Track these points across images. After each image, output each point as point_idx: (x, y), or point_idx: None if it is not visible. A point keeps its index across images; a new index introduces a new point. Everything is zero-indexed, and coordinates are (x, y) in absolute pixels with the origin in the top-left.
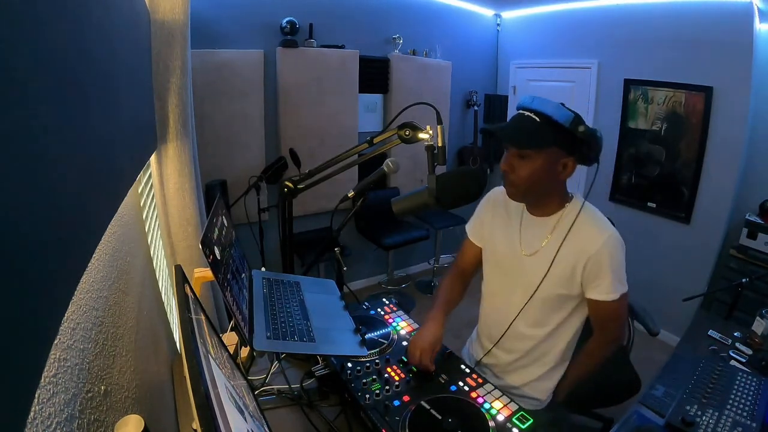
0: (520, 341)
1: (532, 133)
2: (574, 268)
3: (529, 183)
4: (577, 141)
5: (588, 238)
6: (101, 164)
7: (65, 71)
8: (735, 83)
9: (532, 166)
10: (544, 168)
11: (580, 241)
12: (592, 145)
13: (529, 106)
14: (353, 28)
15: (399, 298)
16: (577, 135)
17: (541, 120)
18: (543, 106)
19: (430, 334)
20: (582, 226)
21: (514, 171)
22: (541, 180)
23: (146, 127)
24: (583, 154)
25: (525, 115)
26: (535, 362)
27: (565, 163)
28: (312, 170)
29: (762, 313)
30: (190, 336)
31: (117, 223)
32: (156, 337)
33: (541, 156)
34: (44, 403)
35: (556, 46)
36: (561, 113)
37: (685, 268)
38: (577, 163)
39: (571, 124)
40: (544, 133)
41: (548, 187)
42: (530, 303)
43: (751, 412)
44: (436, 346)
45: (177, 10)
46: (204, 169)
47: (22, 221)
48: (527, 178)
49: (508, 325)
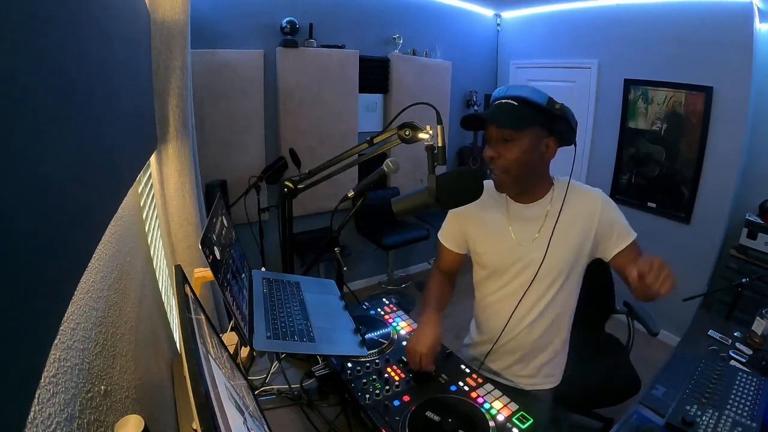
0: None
1: (513, 115)
2: (584, 236)
3: (517, 165)
4: (556, 119)
5: (587, 203)
6: (101, 164)
7: (65, 71)
8: (735, 83)
9: (519, 148)
10: (530, 148)
11: (581, 208)
12: (570, 122)
13: (505, 94)
14: (353, 28)
15: (399, 298)
16: (555, 112)
17: (519, 103)
18: (518, 91)
19: (428, 337)
20: (574, 196)
21: (501, 155)
22: (528, 161)
23: (146, 127)
24: (562, 133)
25: (503, 103)
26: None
27: (547, 143)
28: (312, 170)
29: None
30: (190, 336)
31: (117, 223)
32: (156, 337)
33: (525, 137)
34: (44, 403)
35: (556, 46)
36: (536, 94)
37: (685, 268)
38: (558, 143)
39: (547, 102)
40: (523, 114)
41: (536, 169)
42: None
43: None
44: (435, 348)
45: (177, 10)
46: (204, 169)
47: (22, 221)
48: (515, 161)
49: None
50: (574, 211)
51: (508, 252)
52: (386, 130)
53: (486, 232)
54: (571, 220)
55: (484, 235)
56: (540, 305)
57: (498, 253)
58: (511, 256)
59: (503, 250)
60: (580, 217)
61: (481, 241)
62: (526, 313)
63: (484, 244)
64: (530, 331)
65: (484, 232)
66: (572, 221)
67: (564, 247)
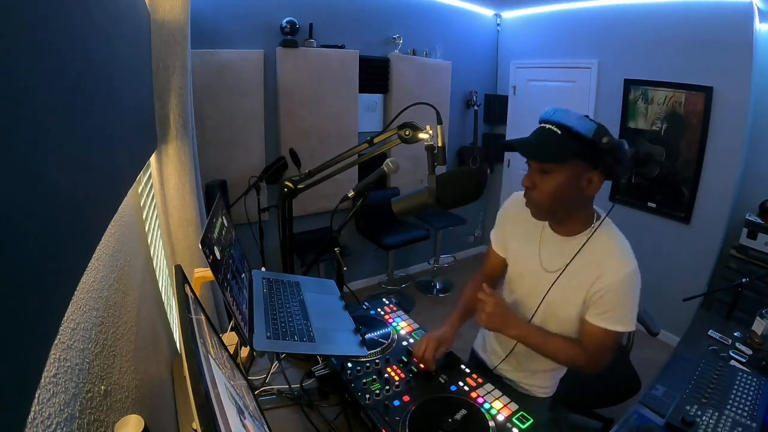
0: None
1: (553, 146)
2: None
3: (552, 200)
4: (602, 153)
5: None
6: (101, 164)
7: (65, 71)
8: (735, 83)
9: (555, 182)
10: (568, 183)
11: (602, 265)
12: (618, 157)
13: (550, 119)
14: (353, 28)
15: (399, 298)
16: (602, 147)
17: (562, 132)
18: (564, 118)
19: (440, 332)
20: (607, 251)
21: (536, 187)
22: (565, 196)
23: (146, 127)
24: (608, 167)
25: (546, 128)
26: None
27: (590, 178)
28: (312, 170)
29: (762, 313)
30: (190, 336)
31: (117, 223)
32: (156, 337)
33: (564, 170)
34: (44, 403)
35: (556, 46)
36: (583, 124)
37: (685, 268)
38: (604, 177)
39: (594, 134)
40: (565, 145)
41: (573, 203)
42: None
43: (751, 412)
44: (442, 344)
45: (177, 10)
46: (204, 169)
47: (22, 221)
48: (550, 195)
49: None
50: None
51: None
52: (386, 130)
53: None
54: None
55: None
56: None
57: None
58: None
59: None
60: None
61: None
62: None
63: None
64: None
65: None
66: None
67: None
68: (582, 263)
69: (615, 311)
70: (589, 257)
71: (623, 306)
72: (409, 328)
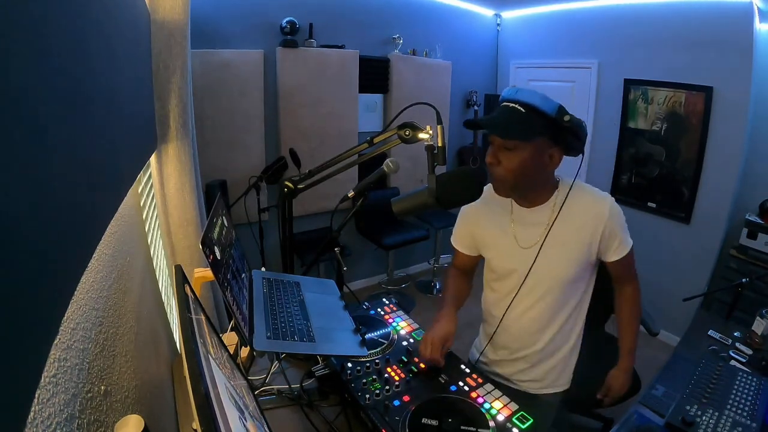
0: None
1: (519, 124)
2: (591, 237)
3: (516, 175)
4: (563, 130)
5: (595, 207)
6: (101, 164)
7: (65, 72)
8: (735, 83)
9: (520, 158)
10: (532, 159)
11: (588, 212)
12: (578, 134)
13: (514, 98)
14: (353, 28)
15: (399, 298)
16: (564, 124)
17: (526, 110)
18: (528, 97)
19: (442, 330)
20: (583, 199)
21: (500, 164)
22: (529, 172)
23: (146, 127)
24: (568, 144)
25: (510, 107)
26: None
27: (551, 154)
28: (312, 170)
29: (762, 313)
30: (190, 336)
31: (117, 223)
32: (156, 337)
33: (528, 147)
34: (44, 403)
35: (556, 46)
36: (547, 103)
37: (685, 268)
38: (563, 153)
39: (557, 113)
40: (530, 123)
41: (535, 178)
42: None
43: (751, 412)
44: (447, 341)
45: (177, 10)
46: (204, 169)
47: (22, 221)
48: (514, 171)
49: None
50: (580, 215)
51: (511, 255)
52: (386, 130)
53: (490, 235)
54: (577, 224)
55: (489, 239)
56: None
57: (502, 257)
58: (514, 259)
59: (507, 254)
60: (587, 221)
61: (486, 245)
62: (536, 318)
63: (489, 248)
64: (540, 337)
65: (489, 235)
66: (580, 225)
67: (570, 251)
68: (564, 224)
69: (622, 236)
70: (570, 215)
71: (623, 229)
72: (409, 328)
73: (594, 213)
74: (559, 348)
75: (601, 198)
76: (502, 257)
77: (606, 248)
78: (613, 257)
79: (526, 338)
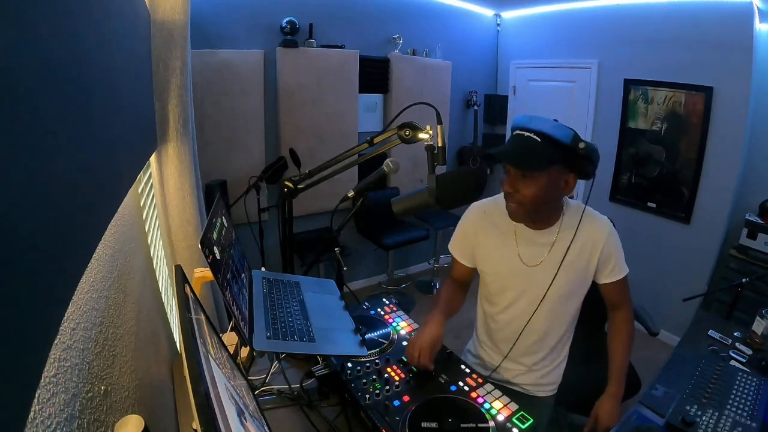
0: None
1: (535, 154)
2: (589, 259)
3: (533, 202)
4: (578, 157)
5: (596, 231)
6: (101, 164)
7: (65, 72)
8: (735, 83)
9: (537, 186)
10: (548, 186)
11: (589, 235)
12: (593, 159)
13: (527, 126)
14: (353, 28)
15: (399, 298)
16: (579, 152)
17: (542, 140)
18: (542, 126)
19: (428, 334)
20: (586, 222)
21: (518, 191)
22: (545, 198)
23: (146, 127)
24: (583, 169)
25: (525, 136)
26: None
27: (566, 180)
28: (312, 170)
29: (762, 313)
30: (190, 336)
31: (117, 223)
32: (156, 337)
33: (545, 175)
34: (44, 403)
35: (556, 46)
36: (561, 132)
37: (685, 268)
38: (578, 178)
39: (571, 141)
40: (546, 152)
41: (550, 204)
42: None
43: (751, 412)
44: (435, 345)
45: (177, 10)
46: (204, 169)
47: (22, 221)
48: (533, 198)
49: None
50: (582, 236)
51: (513, 272)
52: (386, 130)
53: (493, 252)
54: (579, 244)
55: (491, 255)
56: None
57: (503, 273)
58: (516, 276)
59: (509, 271)
60: (587, 243)
61: (486, 260)
62: (536, 330)
63: (489, 263)
64: (540, 348)
65: (491, 251)
66: (580, 246)
67: (572, 272)
68: (566, 242)
69: (618, 260)
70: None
71: (620, 252)
72: (409, 328)
73: (594, 235)
74: (556, 358)
75: (601, 221)
76: (503, 273)
77: (601, 269)
78: (607, 279)
79: (525, 347)
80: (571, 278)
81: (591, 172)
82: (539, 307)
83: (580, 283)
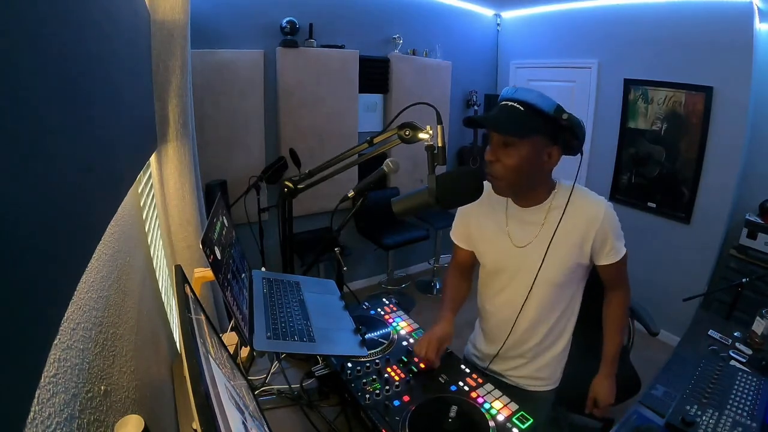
0: (533, 334)
1: (517, 121)
2: (583, 240)
3: (515, 173)
4: (561, 129)
5: (590, 211)
6: (101, 164)
7: (65, 72)
8: (735, 83)
9: (518, 155)
10: (530, 157)
11: (582, 215)
12: (576, 133)
13: (512, 97)
14: (353, 28)
15: (399, 298)
16: (561, 122)
17: (525, 109)
18: (526, 95)
19: (440, 331)
20: (578, 202)
21: (499, 160)
22: (527, 170)
23: (146, 127)
24: (567, 143)
25: (509, 105)
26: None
27: (549, 152)
28: (312, 170)
29: (762, 313)
30: (190, 336)
31: (117, 223)
32: (156, 337)
33: (526, 144)
34: (44, 403)
35: (556, 46)
36: (544, 101)
37: (685, 268)
38: (562, 152)
39: (554, 111)
40: (528, 121)
41: (534, 177)
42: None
43: (751, 412)
44: (443, 342)
45: (177, 10)
46: (204, 169)
47: (22, 221)
48: (513, 168)
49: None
50: (576, 217)
51: (504, 253)
52: (386, 130)
53: (486, 232)
54: (572, 226)
55: (484, 235)
56: (542, 309)
57: (495, 254)
58: (507, 257)
59: (500, 251)
60: (580, 223)
61: (480, 241)
62: (528, 316)
63: (483, 243)
64: (532, 334)
65: (484, 231)
66: (573, 227)
67: (563, 253)
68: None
69: (615, 242)
70: (565, 216)
71: (618, 234)
72: (409, 328)
73: (589, 216)
74: (551, 347)
75: (596, 201)
76: (495, 254)
77: (598, 251)
78: (604, 261)
79: (519, 334)
80: (563, 260)
81: (576, 147)
82: (531, 290)
83: (574, 267)
